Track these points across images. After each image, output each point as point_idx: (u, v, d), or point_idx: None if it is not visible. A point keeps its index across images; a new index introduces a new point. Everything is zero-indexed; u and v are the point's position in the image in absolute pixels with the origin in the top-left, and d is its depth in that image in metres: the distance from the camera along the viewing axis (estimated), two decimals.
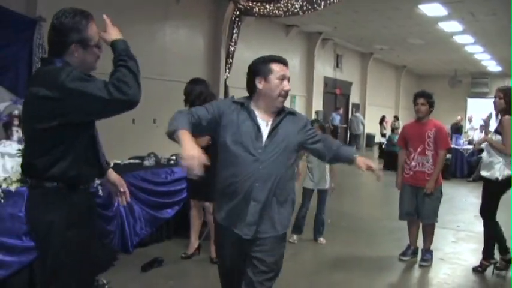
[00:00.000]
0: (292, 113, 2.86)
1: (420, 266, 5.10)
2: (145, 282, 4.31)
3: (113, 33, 2.41)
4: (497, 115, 4.95)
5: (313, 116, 18.23)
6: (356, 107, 21.89)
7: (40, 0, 8.16)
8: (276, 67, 2.79)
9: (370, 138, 22.21)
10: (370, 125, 22.05)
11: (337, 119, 19.23)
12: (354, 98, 22.24)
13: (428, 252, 5.18)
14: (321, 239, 5.85)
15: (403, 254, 5.33)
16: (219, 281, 3.37)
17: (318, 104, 18.89)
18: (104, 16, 2.48)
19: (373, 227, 6.80)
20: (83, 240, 2.36)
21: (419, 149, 5.03)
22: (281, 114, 2.80)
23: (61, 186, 2.29)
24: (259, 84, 2.77)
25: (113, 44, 2.38)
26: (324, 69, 19.33)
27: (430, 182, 4.94)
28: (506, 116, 4.69)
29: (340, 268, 4.98)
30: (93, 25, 2.37)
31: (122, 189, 2.73)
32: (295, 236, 5.81)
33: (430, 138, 4.98)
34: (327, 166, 5.76)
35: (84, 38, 2.33)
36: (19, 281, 3.73)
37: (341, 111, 19.85)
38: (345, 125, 20.47)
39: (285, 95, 2.76)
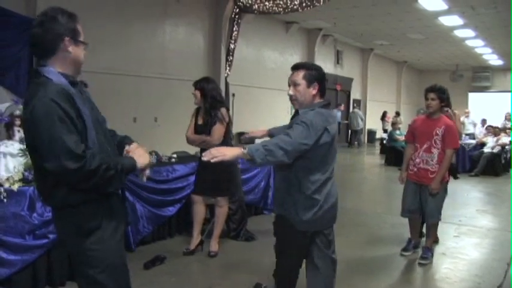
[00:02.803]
0: None
1: (419, 264, 5.03)
2: (148, 280, 4.32)
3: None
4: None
5: None
6: (357, 103, 21.88)
7: (39, 0, 8.18)
8: None
9: (371, 134, 22.23)
10: (371, 121, 22.06)
11: (338, 115, 19.23)
12: (355, 94, 22.23)
13: (429, 250, 5.10)
14: None
15: (404, 249, 5.32)
16: (221, 277, 3.42)
17: None
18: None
19: (375, 222, 6.81)
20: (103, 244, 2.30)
21: (425, 146, 4.88)
22: None
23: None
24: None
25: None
26: (324, 65, 19.21)
27: (436, 182, 4.79)
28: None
29: (341, 264, 4.97)
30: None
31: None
32: None
33: (437, 136, 4.81)
34: None
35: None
36: (22, 279, 3.77)
37: (342, 107, 19.84)
38: (346, 121, 20.47)
39: None
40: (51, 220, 3.79)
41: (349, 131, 20.49)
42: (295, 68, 3.11)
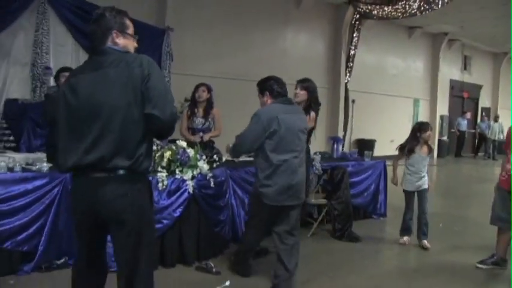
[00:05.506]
0: None
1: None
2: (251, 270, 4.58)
3: None
4: None
5: (438, 121, 17.56)
6: (486, 111, 20.61)
7: (169, 12, 8.95)
8: None
9: (502, 144, 20.77)
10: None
11: (463, 123, 18.29)
12: (484, 102, 20.97)
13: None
14: (425, 241, 5.56)
15: (482, 261, 4.98)
16: (320, 273, 3.57)
17: (443, 108, 18.12)
18: None
19: (487, 233, 6.47)
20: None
21: None
22: None
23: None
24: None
25: None
26: (450, 71, 18.51)
27: None
28: None
29: (440, 274, 4.87)
30: None
31: None
32: (405, 238, 5.74)
33: None
34: (426, 167, 5.65)
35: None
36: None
37: (468, 115, 18.81)
38: (473, 131, 19.40)
39: None
40: (165, 207, 4.24)
41: (476, 140, 19.40)
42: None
